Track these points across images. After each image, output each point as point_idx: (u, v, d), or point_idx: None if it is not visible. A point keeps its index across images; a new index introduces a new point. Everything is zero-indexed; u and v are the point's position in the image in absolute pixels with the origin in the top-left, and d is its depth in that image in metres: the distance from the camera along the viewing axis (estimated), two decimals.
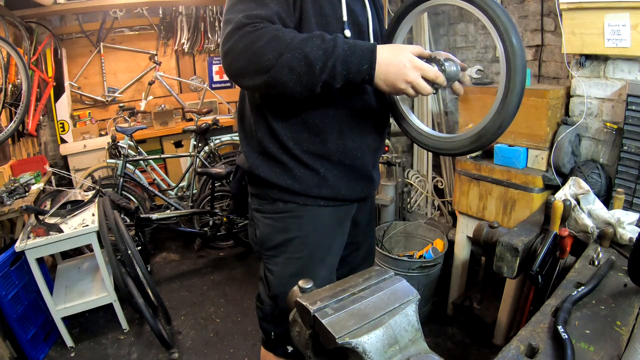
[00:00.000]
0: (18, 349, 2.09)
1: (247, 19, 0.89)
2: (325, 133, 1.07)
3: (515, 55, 0.85)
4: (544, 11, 2.11)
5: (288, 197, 1.10)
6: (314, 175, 1.09)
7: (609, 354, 0.86)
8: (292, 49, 0.86)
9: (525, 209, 1.92)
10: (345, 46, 0.89)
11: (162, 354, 2.25)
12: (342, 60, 0.88)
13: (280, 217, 1.12)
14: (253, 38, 0.87)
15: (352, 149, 1.11)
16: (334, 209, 1.15)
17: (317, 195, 1.10)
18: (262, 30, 0.87)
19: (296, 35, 0.89)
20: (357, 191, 1.17)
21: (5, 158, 2.92)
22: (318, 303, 0.60)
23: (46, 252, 2.17)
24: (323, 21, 1.00)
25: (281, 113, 1.06)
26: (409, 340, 0.58)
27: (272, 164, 1.09)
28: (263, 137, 1.08)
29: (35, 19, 3.47)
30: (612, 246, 1.33)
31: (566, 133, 1.83)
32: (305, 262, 1.13)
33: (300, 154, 1.07)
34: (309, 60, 0.87)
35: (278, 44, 0.87)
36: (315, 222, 1.13)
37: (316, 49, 0.87)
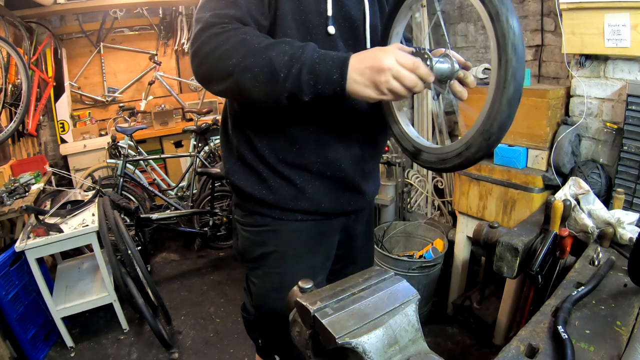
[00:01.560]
0: (18, 349, 2.09)
1: (216, 18, 0.83)
2: (301, 142, 0.98)
3: (508, 37, 0.69)
4: (544, 11, 2.11)
5: (264, 210, 1.04)
6: (290, 186, 1.01)
7: (609, 354, 0.86)
8: (256, 53, 0.79)
9: (525, 209, 1.92)
10: (315, 54, 0.80)
11: (162, 354, 2.25)
12: (310, 68, 0.78)
13: (258, 231, 1.06)
14: (219, 41, 0.81)
15: (335, 160, 1.01)
16: (316, 224, 1.07)
17: (293, 208, 1.02)
18: (230, 33, 0.81)
19: (264, 40, 0.81)
20: (341, 204, 1.08)
21: (5, 158, 2.92)
22: (318, 303, 0.60)
23: (46, 252, 2.17)
24: (302, 17, 0.90)
25: (257, 119, 0.99)
26: (409, 340, 0.58)
27: (248, 173, 1.02)
28: (240, 143, 1.02)
29: (35, 19, 3.47)
30: (612, 246, 1.33)
31: (566, 133, 1.83)
32: (283, 278, 1.06)
33: (276, 164, 0.99)
34: (272, 66, 0.78)
35: (244, 47, 0.80)
36: (293, 238, 1.05)
37: (282, 54, 0.79)
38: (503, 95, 0.71)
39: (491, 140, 0.75)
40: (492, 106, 0.72)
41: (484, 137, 0.75)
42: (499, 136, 0.74)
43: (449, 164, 0.85)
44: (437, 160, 0.88)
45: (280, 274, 1.07)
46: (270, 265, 1.07)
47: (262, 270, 1.09)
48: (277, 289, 1.06)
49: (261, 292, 1.11)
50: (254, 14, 0.86)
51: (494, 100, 0.72)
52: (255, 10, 0.86)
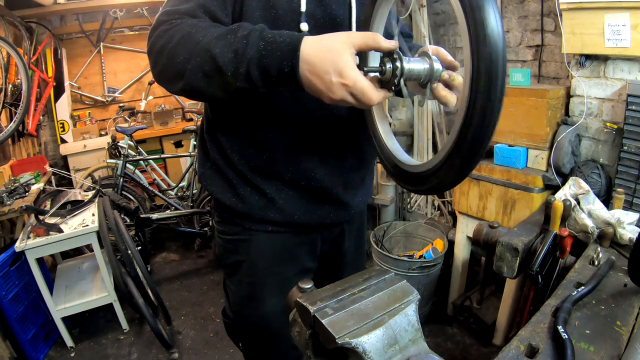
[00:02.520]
0: (18, 349, 2.09)
1: (165, 16, 0.78)
2: (271, 150, 0.91)
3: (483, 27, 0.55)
4: (544, 11, 2.11)
5: (235, 219, 0.98)
6: (259, 195, 0.95)
7: (609, 354, 0.86)
8: (201, 50, 0.71)
9: (525, 209, 1.92)
10: (261, 43, 0.69)
11: (162, 354, 2.25)
12: (257, 62, 0.69)
13: (230, 239, 1.02)
14: (167, 38, 0.75)
15: (309, 169, 0.93)
16: (290, 235, 1.00)
17: (262, 219, 0.96)
18: (176, 28, 0.75)
19: (209, 32, 0.73)
20: (319, 217, 0.99)
21: (5, 158, 2.92)
22: (318, 303, 0.60)
23: (46, 252, 2.17)
24: (271, 14, 0.82)
25: (226, 122, 0.93)
26: (409, 340, 0.57)
27: (219, 178, 0.97)
28: (212, 147, 0.97)
29: (35, 19, 3.47)
30: (612, 246, 1.33)
31: (566, 133, 1.83)
32: (255, 288, 1.02)
33: (245, 171, 0.93)
34: (218, 64, 0.71)
35: (189, 43, 0.73)
36: (264, 249, 0.99)
37: (227, 49, 0.70)
38: (476, 101, 0.57)
39: (464, 158, 0.61)
40: (464, 116, 0.59)
41: (457, 154, 0.62)
42: (474, 153, 0.61)
43: (425, 185, 0.72)
44: (414, 179, 0.75)
45: (252, 284, 1.02)
46: (242, 274, 1.03)
47: (236, 277, 1.05)
48: (250, 297, 1.03)
49: (236, 299, 1.08)
50: (208, 7, 0.79)
51: (466, 108, 0.59)
52: (213, 5, 0.80)
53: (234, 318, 1.12)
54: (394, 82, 0.70)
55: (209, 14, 0.79)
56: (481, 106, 0.57)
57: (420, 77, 0.71)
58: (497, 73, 0.56)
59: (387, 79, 0.71)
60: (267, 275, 1.01)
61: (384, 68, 0.70)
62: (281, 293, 0.99)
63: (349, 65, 0.67)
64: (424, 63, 0.71)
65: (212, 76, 0.72)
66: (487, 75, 0.56)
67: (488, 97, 0.57)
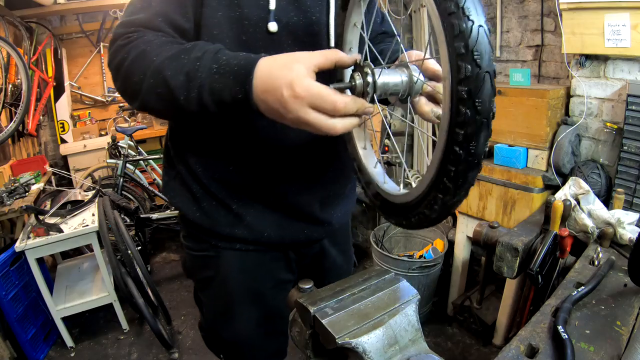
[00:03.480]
0: (18, 349, 2.09)
1: (122, 28, 0.72)
2: (237, 163, 0.83)
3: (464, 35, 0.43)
4: (544, 11, 2.11)
5: (201, 234, 0.91)
6: (225, 211, 0.87)
7: (609, 354, 0.86)
8: (154, 72, 0.66)
9: (525, 209, 1.92)
10: (214, 66, 0.63)
11: (162, 354, 2.25)
12: (209, 88, 0.63)
13: (197, 255, 0.95)
14: (123, 55, 0.69)
15: (279, 184, 0.86)
16: (261, 253, 0.93)
17: (229, 236, 0.88)
18: (132, 44, 0.69)
19: (164, 50, 0.67)
20: (292, 234, 0.92)
21: (5, 158, 2.92)
22: (318, 303, 0.60)
23: (46, 252, 2.18)
24: (236, 13, 0.75)
25: (188, 130, 0.86)
26: (409, 340, 0.57)
27: (182, 190, 0.89)
28: (176, 157, 0.90)
29: (35, 19, 3.47)
30: (612, 246, 1.33)
31: (566, 133, 1.83)
32: (228, 303, 0.96)
33: (210, 184, 0.86)
34: (169, 87, 0.65)
35: (143, 62, 0.67)
36: (234, 266, 0.92)
37: (178, 72, 0.64)
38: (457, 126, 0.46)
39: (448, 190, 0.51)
40: (445, 144, 0.49)
41: (437, 188, 0.52)
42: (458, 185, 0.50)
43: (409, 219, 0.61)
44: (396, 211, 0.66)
45: (224, 300, 0.96)
46: (214, 290, 0.97)
47: (208, 292, 0.99)
48: (223, 313, 0.97)
49: (210, 314, 1.03)
50: (168, 14, 0.73)
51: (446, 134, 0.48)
52: (172, 11, 0.73)
53: (209, 332, 1.06)
54: (366, 99, 0.61)
55: (169, 22, 0.73)
56: (464, 133, 0.46)
57: (398, 90, 0.62)
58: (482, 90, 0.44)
59: (358, 95, 0.63)
60: (240, 290, 0.94)
61: (354, 83, 0.62)
62: (256, 307, 0.96)
63: (300, 74, 0.58)
64: (402, 75, 0.62)
65: (166, 99, 0.67)
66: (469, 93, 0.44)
67: (472, 121, 0.45)
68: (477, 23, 0.43)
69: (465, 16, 0.43)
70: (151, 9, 0.73)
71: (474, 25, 0.43)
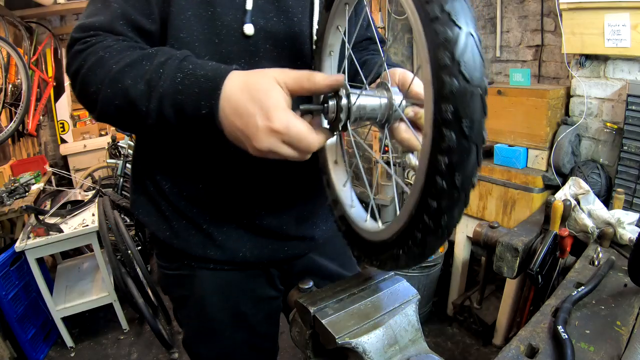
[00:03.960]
0: (18, 349, 2.09)
1: (79, 32, 0.65)
2: (205, 180, 0.77)
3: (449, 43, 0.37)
4: (544, 11, 2.11)
5: (172, 254, 0.85)
6: (195, 230, 0.80)
7: (609, 354, 0.86)
8: (113, 81, 0.60)
9: (525, 209, 1.92)
10: (179, 75, 0.57)
11: (162, 354, 2.25)
12: (172, 99, 0.57)
13: (171, 274, 0.88)
14: (80, 61, 0.63)
15: (250, 203, 0.79)
16: (238, 272, 0.86)
17: (202, 256, 0.82)
18: (89, 50, 0.63)
19: (123, 57, 0.61)
20: (270, 252, 0.84)
21: (5, 158, 2.92)
22: (318, 303, 0.60)
23: (46, 252, 2.18)
24: (207, 12, 0.67)
25: (156, 149, 0.80)
26: (409, 340, 0.57)
27: (150, 207, 0.83)
28: (142, 171, 0.83)
29: (35, 19, 3.47)
30: (612, 246, 1.33)
31: (566, 133, 1.83)
32: (207, 324, 0.89)
33: (178, 202, 0.79)
34: (130, 98, 0.59)
35: (101, 70, 0.61)
36: (210, 286, 0.85)
37: (139, 79, 0.58)
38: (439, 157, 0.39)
39: (425, 232, 0.44)
40: (424, 177, 0.42)
41: (414, 229, 0.44)
42: (439, 223, 0.43)
43: (378, 260, 0.55)
44: (368, 249, 0.58)
45: (202, 320, 0.89)
46: (191, 309, 0.90)
47: (184, 312, 0.93)
48: (203, 333, 0.91)
49: (189, 333, 0.96)
50: (129, 15, 0.66)
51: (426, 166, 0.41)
52: (134, 11, 0.66)
53: (191, 350, 0.98)
54: (338, 125, 0.55)
55: (130, 23, 0.66)
56: (447, 162, 0.39)
57: (376, 115, 0.56)
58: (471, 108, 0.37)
59: (330, 119, 0.57)
60: (218, 311, 0.87)
61: (326, 106, 0.56)
62: (237, 327, 0.90)
63: (279, 105, 0.53)
64: (380, 97, 0.55)
65: (125, 110, 0.61)
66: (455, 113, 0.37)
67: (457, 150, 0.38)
68: (466, 30, 0.37)
69: (452, 21, 0.37)
70: (111, 9, 0.65)
71: (461, 33, 0.37)
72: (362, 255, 0.61)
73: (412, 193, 0.44)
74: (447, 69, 0.37)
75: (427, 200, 0.42)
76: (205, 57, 0.68)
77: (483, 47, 0.34)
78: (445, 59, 0.37)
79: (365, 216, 0.62)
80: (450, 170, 0.39)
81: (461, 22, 0.37)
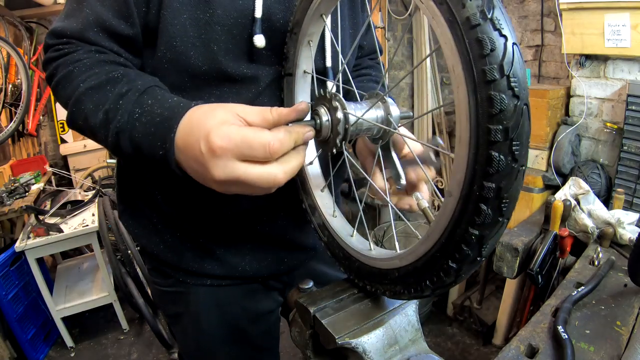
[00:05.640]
0: (18, 349, 2.09)
1: (54, 39, 0.62)
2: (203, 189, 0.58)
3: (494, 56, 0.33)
4: (544, 11, 2.11)
5: (166, 270, 0.79)
6: (191, 243, 0.75)
7: (609, 354, 0.86)
8: (77, 102, 0.57)
9: (525, 209, 1.92)
10: (137, 110, 0.53)
11: (162, 354, 2.25)
12: (128, 136, 0.53)
13: (164, 291, 0.83)
14: (52, 70, 0.61)
15: (250, 209, 0.72)
16: (236, 287, 0.81)
17: (198, 272, 0.76)
18: (61, 61, 0.60)
19: (90, 75, 0.57)
20: (270, 264, 0.79)
21: (5, 158, 2.92)
22: (318, 303, 0.60)
23: (46, 252, 2.18)
24: (205, 15, 0.59)
25: None
26: (409, 340, 0.57)
27: (141, 219, 0.76)
28: (131, 180, 0.76)
29: (35, 19, 3.47)
30: (612, 246, 1.33)
31: (566, 133, 1.83)
32: (203, 341, 0.84)
33: (172, 213, 0.73)
34: (89, 124, 0.56)
35: (69, 86, 0.58)
36: (206, 303, 0.80)
37: (100, 107, 0.55)
38: (480, 174, 0.35)
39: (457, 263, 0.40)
40: (464, 198, 0.37)
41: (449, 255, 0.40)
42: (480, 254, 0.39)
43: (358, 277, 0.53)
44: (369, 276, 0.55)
45: (198, 337, 0.84)
46: (186, 326, 0.85)
47: (179, 329, 0.88)
48: (199, 349, 0.86)
49: (185, 350, 0.92)
50: (104, 21, 0.59)
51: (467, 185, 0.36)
52: (109, 15, 0.59)
53: None
54: (334, 144, 0.49)
55: (105, 30, 0.60)
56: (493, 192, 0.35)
57: (372, 131, 0.51)
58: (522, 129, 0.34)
59: (324, 138, 0.50)
60: (215, 328, 0.82)
61: (319, 122, 0.49)
62: (235, 345, 0.85)
63: (219, 120, 0.46)
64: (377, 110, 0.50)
65: (87, 132, 0.59)
66: (506, 133, 0.33)
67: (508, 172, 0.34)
68: (511, 40, 0.32)
69: (497, 30, 0.32)
70: (84, 14, 0.59)
71: (507, 43, 0.32)
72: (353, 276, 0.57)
73: (440, 221, 0.40)
74: (495, 85, 0.32)
75: (468, 229, 0.37)
76: (203, 67, 0.62)
77: None
78: (494, 72, 0.32)
79: (351, 231, 0.56)
80: (497, 196, 0.35)
81: (505, 30, 0.32)
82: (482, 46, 0.32)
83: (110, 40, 0.61)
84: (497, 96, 0.32)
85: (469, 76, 0.33)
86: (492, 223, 0.36)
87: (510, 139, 0.33)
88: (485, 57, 0.32)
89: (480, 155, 0.34)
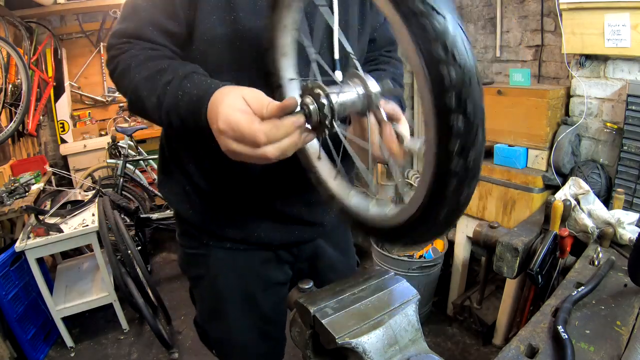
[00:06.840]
0: (18, 349, 2.09)
1: (115, 39, 0.75)
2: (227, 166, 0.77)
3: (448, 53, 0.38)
4: (544, 11, 2.11)
5: (193, 231, 0.93)
6: (216, 210, 0.89)
7: (609, 354, 0.86)
8: (134, 90, 0.71)
9: (525, 209, 1.92)
10: (179, 93, 0.66)
11: (162, 354, 2.25)
12: (175, 114, 0.67)
13: (189, 253, 0.97)
14: (114, 66, 0.74)
15: (268, 189, 0.87)
16: (252, 253, 0.93)
17: (220, 235, 0.91)
18: (120, 57, 0.73)
19: (144, 68, 0.70)
20: (282, 234, 0.92)
21: (5, 158, 2.92)
22: (318, 303, 0.60)
23: (46, 252, 2.18)
24: (231, 16, 0.72)
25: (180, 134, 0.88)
26: (409, 340, 0.57)
27: (175, 187, 0.91)
28: (169, 154, 0.91)
29: (35, 19, 3.47)
30: (612, 246, 1.33)
31: (566, 133, 1.83)
32: (217, 303, 0.97)
33: (202, 184, 0.87)
34: (146, 107, 0.70)
35: (127, 78, 0.72)
36: (223, 266, 0.93)
37: (152, 93, 0.69)
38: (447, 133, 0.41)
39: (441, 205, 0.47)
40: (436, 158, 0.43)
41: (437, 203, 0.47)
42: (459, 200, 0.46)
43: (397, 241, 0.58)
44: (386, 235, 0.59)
45: (214, 299, 0.97)
46: (204, 288, 0.99)
47: (199, 290, 1.01)
48: (213, 312, 0.99)
49: (201, 312, 1.06)
50: (158, 21, 0.73)
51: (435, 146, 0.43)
52: (161, 17, 0.73)
53: (202, 328, 1.09)
54: (326, 125, 0.55)
55: (160, 29, 0.73)
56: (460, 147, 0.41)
57: (357, 107, 0.56)
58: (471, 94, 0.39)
59: (315, 123, 0.56)
60: (229, 291, 0.95)
61: (308, 110, 0.55)
62: (246, 309, 0.96)
63: (227, 105, 0.58)
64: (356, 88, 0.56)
65: (145, 114, 0.73)
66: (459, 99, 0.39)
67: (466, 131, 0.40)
68: (452, 20, 0.38)
69: (439, 14, 0.38)
70: (139, 16, 0.73)
71: (447, 22, 0.38)
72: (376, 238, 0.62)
73: (424, 177, 0.46)
74: (443, 62, 0.38)
75: (445, 179, 0.43)
76: (227, 59, 0.75)
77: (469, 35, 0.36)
78: (440, 52, 0.38)
79: (367, 205, 0.61)
80: (463, 151, 0.41)
81: (446, 13, 0.38)
82: (426, 30, 0.38)
83: (162, 37, 0.74)
84: (446, 70, 0.38)
85: (423, 56, 0.39)
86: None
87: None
88: (431, 39, 0.38)
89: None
